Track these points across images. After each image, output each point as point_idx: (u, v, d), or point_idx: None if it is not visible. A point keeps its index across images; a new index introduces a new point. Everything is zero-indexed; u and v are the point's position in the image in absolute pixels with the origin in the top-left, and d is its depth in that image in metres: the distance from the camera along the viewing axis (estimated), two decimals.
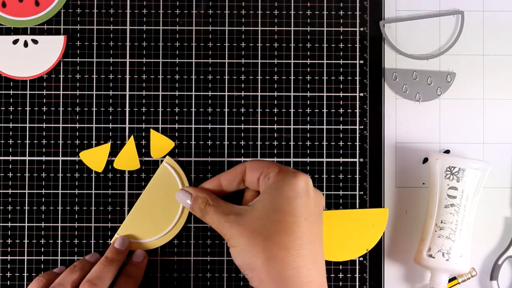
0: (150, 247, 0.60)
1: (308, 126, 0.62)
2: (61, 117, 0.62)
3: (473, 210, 0.59)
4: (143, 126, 0.62)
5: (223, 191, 0.57)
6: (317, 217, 0.53)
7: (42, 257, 0.61)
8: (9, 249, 0.61)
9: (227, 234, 0.52)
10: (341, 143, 0.62)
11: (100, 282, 0.54)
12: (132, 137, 0.61)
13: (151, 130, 0.61)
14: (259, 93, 0.62)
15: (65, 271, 0.57)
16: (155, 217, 0.60)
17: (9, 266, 0.61)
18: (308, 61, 0.62)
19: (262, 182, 0.54)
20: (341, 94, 0.62)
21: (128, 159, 0.61)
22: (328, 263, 0.61)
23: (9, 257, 0.61)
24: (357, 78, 0.62)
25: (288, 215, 0.51)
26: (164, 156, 0.61)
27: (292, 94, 0.62)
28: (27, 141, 0.61)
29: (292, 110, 0.62)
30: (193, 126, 0.62)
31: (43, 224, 0.61)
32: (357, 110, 0.62)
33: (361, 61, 0.62)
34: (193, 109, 0.62)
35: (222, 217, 0.53)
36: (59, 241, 0.61)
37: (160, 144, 0.61)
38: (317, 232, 0.52)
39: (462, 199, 0.58)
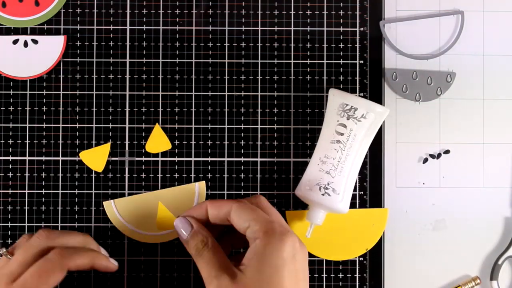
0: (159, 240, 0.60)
1: (308, 126, 0.62)
2: (61, 117, 0.62)
3: (360, 153, 0.57)
4: (143, 126, 0.62)
5: (208, 221, 0.54)
6: (302, 281, 0.51)
7: None
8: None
9: None
10: None
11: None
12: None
13: (157, 125, 0.61)
14: (259, 93, 0.62)
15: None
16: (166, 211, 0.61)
17: None
18: (308, 61, 0.62)
19: (249, 236, 0.51)
20: None
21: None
22: (328, 263, 0.61)
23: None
24: (357, 78, 0.62)
25: (276, 286, 0.49)
26: (161, 153, 0.61)
27: (292, 94, 0.62)
28: (27, 141, 0.61)
29: (292, 110, 0.62)
30: (193, 126, 0.62)
31: (43, 224, 0.61)
32: None
33: (361, 61, 0.62)
34: (193, 109, 0.62)
35: (213, 270, 0.50)
36: None
37: (159, 141, 0.61)
38: None
39: (349, 138, 0.56)
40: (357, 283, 0.61)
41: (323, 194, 0.56)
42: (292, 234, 0.51)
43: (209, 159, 0.62)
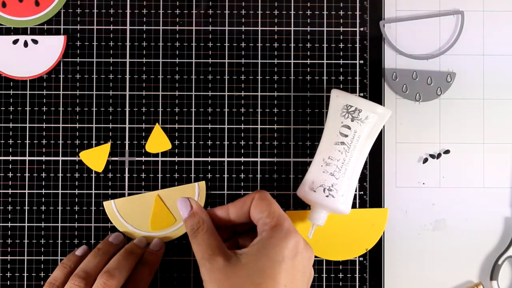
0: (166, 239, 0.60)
1: (308, 126, 0.62)
2: (61, 117, 0.62)
3: (363, 154, 0.57)
4: (143, 126, 0.62)
5: (231, 221, 0.54)
6: (299, 281, 0.50)
7: (42, 257, 0.61)
8: (9, 249, 0.61)
9: (205, 276, 0.50)
10: None
11: (118, 272, 0.54)
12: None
13: (157, 125, 0.61)
14: (259, 93, 0.62)
15: (89, 255, 0.57)
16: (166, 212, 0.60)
17: (9, 266, 0.61)
18: (308, 61, 0.62)
19: (259, 227, 0.52)
20: None
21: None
22: (328, 263, 0.61)
23: (9, 257, 0.61)
24: (357, 78, 0.62)
25: (268, 279, 0.48)
26: (161, 153, 0.61)
27: (292, 94, 0.62)
28: (27, 141, 0.61)
29: (292, 110, 0.62)
30: (193, 126, 0.62)
31: (43, 224, 0.61)
32: None
33: (361, 61, 0.62)
34: (193, 109, 0.62)
35: (207, 253, 0.50)
36: (59, 241, 0.61)
37: (159, 141, 0.61)
38: None
39: (354, 139, 0.57)
40: (357, 283, 0.61)
41: (327, 196, 0.56)
42: (297, 234, 0.51)
43: (209, 159, 0.62)
